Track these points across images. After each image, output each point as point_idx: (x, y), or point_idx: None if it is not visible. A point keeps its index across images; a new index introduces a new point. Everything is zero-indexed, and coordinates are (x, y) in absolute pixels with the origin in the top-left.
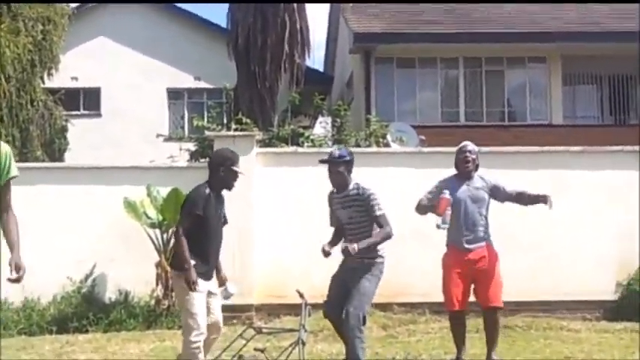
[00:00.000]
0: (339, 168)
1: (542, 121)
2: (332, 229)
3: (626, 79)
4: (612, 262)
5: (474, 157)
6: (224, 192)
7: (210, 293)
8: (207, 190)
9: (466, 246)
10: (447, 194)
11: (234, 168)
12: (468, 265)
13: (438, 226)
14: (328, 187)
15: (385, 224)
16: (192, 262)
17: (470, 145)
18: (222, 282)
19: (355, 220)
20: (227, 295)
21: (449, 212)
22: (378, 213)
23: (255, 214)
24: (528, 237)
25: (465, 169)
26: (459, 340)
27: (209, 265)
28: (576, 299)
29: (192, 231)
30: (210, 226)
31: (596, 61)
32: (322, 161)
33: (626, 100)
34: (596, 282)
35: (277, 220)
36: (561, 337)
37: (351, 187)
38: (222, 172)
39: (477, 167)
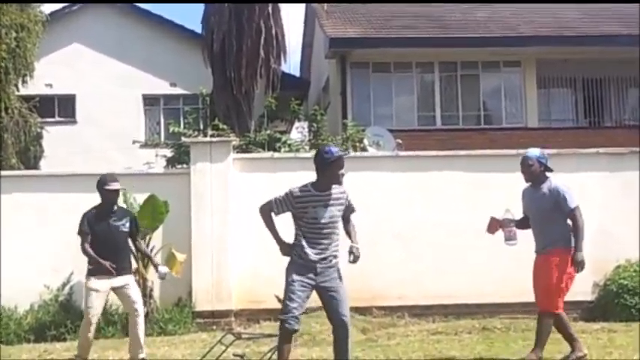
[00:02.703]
0: (339, 167)
1: (518, 124)
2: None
3: (600, 82)
4: (588, 263)
5: (530, 164)
6: None
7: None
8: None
9: (537, 251)
10: (503, 215)
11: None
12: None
13: (505, 243)
14: None
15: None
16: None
17: (528, 153)
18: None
19: (334, 219)
20: (161, 276)
21: (510, 230)
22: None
23: (232, 220)
24: None
25: (525, 178)
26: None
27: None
28: None
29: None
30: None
31: (571, 64)
32: (336, 159)
33: (601, 102)
34: (574, 283)
35: (255, 225)
36: None
37: (335, 188)
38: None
39: (542, 173)
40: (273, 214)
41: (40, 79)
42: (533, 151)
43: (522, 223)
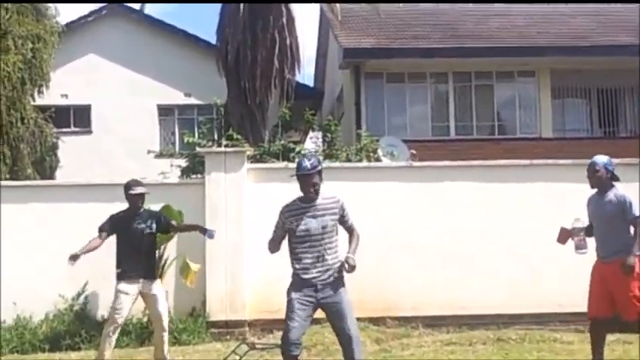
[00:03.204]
0: (314, 179)
1: (532, 134)
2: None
3: (614, 92)
4: None
5: (596, 170)
6: None
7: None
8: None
9: (601, 258)
10: (572, 224)
11: None
12: (602, 276)
13: (575, 252)
14: None
15: (355, 228)
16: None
17: (595, 159)
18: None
19: (329, 229)
20: (211, 235)
21: (581, 239)
22: (351, 220)
23: (246, 230)
24: (521, 249)
25: (590, 184)
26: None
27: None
28: (569, 311)
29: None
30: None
31: (585, 74)
32: (300, 173)
33: (615, 112)
34: (588, 294)
35: (269, 235)
36: (554, 349)
37: (320, 195)
38: None
39: (609, 180)
40: (277, 245)
41: (55, 89)
42: (601, 158)
43: (588, 231)
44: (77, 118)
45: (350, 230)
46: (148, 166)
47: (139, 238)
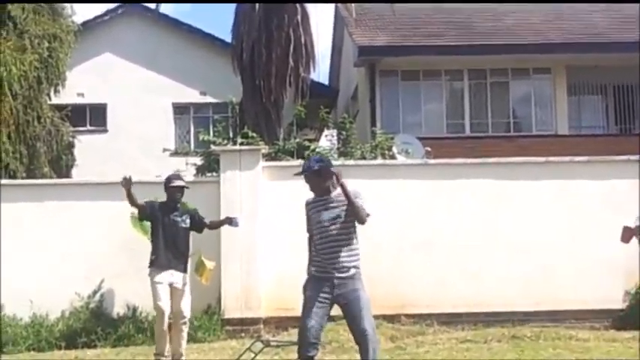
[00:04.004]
0: (314, 179)
1: (548, 131)
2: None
3: (630, 88)
4: (620, 271)
5: None
6: None
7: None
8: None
9: None
10: (635, 222)
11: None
12: None
13: None
14: None
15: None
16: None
17: None
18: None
19: (340, 220)
20: (236, 223)
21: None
22: (364, 203)
23: (261, 228)
24: (536, 246)
25: None
26: None
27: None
28: (584, 308)
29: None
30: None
31: (601, 71)
32: (298, 174)
33: (632, 109)
34: (603, 291)
35: (283, 233)
36: (570, 346)
37: (336, 191)
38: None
39: None
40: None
41: (71, 88)
42: None
43: None
44: (93, 116)
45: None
46: (163, 165)
47: (175, 230)
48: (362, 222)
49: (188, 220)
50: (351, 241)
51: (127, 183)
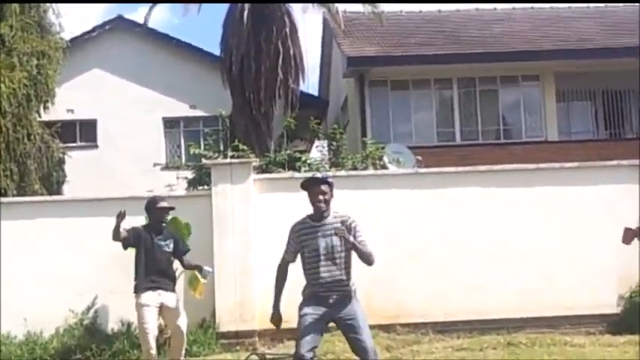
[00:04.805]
0: (322, 188)
1: (538, 138)
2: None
3: (619, 93)
4: (613, 276)
5: None
6: None
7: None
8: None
9: None
10: (638, 224)
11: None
12: None
13: None
14: None
15: (368, 245)
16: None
17: None
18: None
19: (338, 248)
20: (205, 274)
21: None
22: (364, 238)
23: (253, 240)
24: (529, 253)
25: None
26: None
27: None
28: (579, 314)
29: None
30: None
31: (589, 77)
32: (308, 181)
33: (621, 114)
34: (598, 296)
35: (276, 245)
36: (565, 352)
37: (332, 214)
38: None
39: None
40: (286, 265)
41: (61, 104)
42: None
43: None
44: (83, 132)
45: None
46: (154, 179)
47: (159, 254)
48: (370, 265)
49: (172, 245)
50: (348, 263)
51: (121, 217)
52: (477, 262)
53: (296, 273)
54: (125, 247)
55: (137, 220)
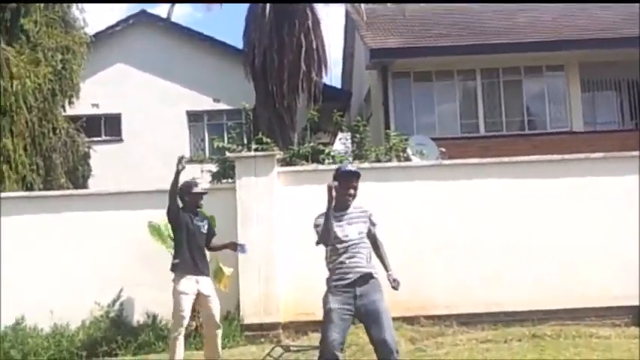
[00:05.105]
0: (355, 182)
1: (563, 128)
2: None
3: None
4: (636, 267)
5: None
6: None
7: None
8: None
9: None
10: None
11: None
12: None
13: None
14: None
15: (379, 238)
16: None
17: None
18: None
19: (363, 234)
20: (243, 250)
21: None
22: (377, 231)
23: (277, 233)
24: (554, 245)
25: None
26: None
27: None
28: (604, 305)
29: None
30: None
31: (614, 66)
32: (346, 173)
33: None
34: (623, 288)
35: (300, 237)
36: (591, 344)
37: (352, 204)
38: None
39: None
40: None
41: (86, 99)
42: None
43: None
44: (108, 127)
45: (375, 241)
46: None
47: (198, 235)
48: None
49: (206, 227)
50: (370, 252)
51: (181, 164)
52: (501, 254)
53: (320, 264)
54: (172, 212)
55: (161, 212)
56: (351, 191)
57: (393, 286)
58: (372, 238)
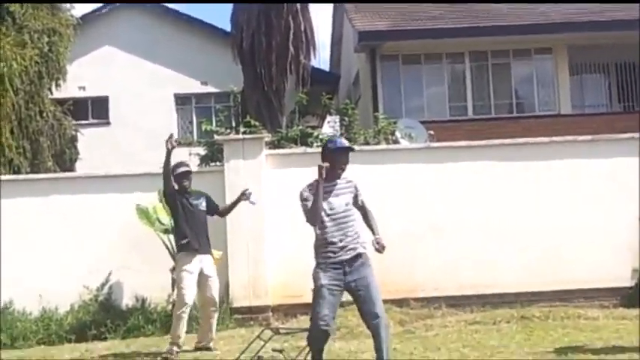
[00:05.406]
0: (347, 157)
1: (551, 111)
2: None
3: (632, 66)
4: (627, 249)
5: None
6: None
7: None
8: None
9: None
10: None
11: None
12: None
13: None
14: None
15: (366, 205)
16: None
17: None
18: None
19: (349, 206)
20: (253, 201)
21: None
22: (363, 197)
23: (266, 216)
24: (542, 227)
25: None
26: None
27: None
28: (593, 287)
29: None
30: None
31: (602, 49)
32: (341, 149)
33: (634, 86)
34: (611, 269)
35: (289, 220)
36: (579, 325)
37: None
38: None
39: None
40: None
41: (73, 82)
42: None
43: None
44: (95, 110)
45: (363, 208)
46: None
47: (197, 213)
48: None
49: (204, 204)
50: (357, 227)
51: (171, 143)
52: (489, 236)
53: (309, 247)
54: (167, 192)
55: (149, 196)
56: (344, 166)
57: (376, 248)
58: (360, 206)
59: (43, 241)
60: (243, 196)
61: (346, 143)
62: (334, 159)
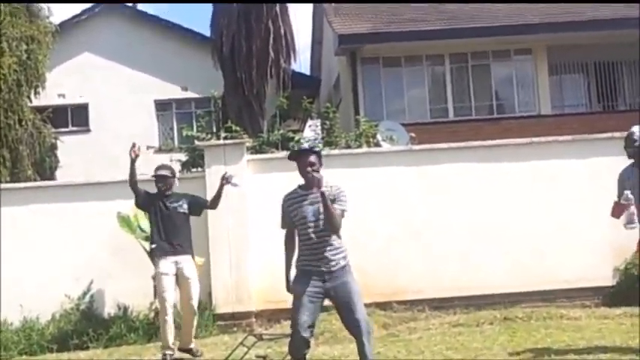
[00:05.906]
0: (310, 158)
1: (531, 112)
2: None
3: (611, 65)
4: (608, 248)
5: (634, 140)
6: None
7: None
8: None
9: None
10: (624, 196)
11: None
12: None
13: (625, 226)
14: None
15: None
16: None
17: (633, 129)
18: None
19: (321, 216)
20: (234, 183)
21: (631, 211)
22: (344, 207)
23: (249, 221)
24: (523, 228)
25: (628, 154)
26: None
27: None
28: (575, 287)
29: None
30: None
31: (581, 49)
32: (297, 152)
33: (613, 86)
34: (593, 269)
35: (271, 225)
36: (562, 325)
37: (325, 184)
38: None
39: None
40: (291, 234)
41: (52, 89)
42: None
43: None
44: (75, 117)
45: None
46: (147, 162)
47: (175, 216)
48: (334, 231)
49: (185, 205)
50: (338, 235)
51: (134, 153)
52: (471, 238)
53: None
54: (137, 201)
55: (130, 203)
56: (309, 168)
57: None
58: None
59: (24, 250)
60: (224, 180)
61: (306, 145)
62: (298, 161)
